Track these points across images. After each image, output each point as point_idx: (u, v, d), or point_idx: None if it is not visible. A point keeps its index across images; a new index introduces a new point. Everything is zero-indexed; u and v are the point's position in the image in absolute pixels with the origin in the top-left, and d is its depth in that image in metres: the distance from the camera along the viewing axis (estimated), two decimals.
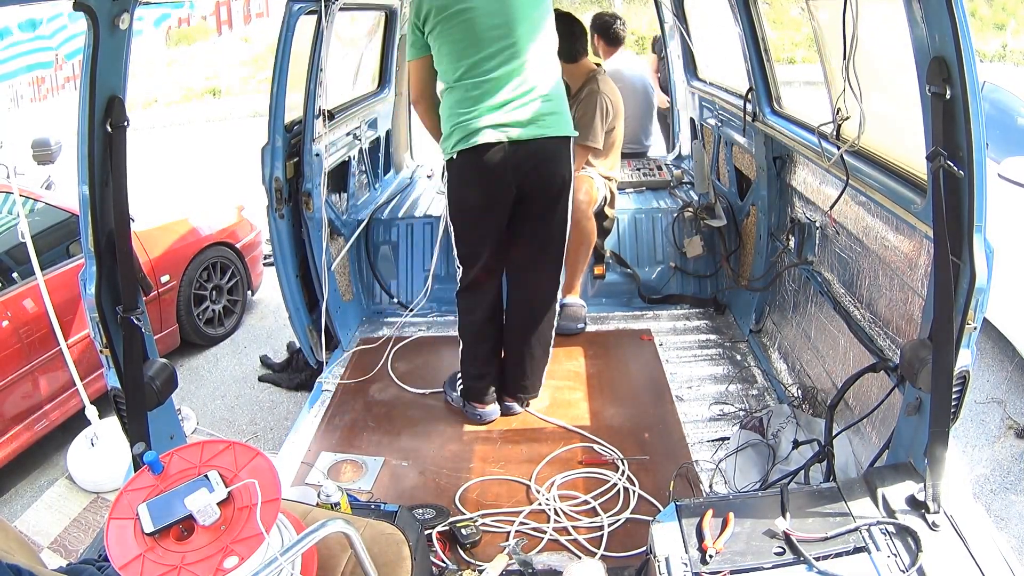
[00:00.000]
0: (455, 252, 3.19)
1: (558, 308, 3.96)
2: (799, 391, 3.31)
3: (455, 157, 2.94)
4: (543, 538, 2.59)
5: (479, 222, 3.07)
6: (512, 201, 2.99)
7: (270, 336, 5.34)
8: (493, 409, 3.30)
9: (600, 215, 4.30)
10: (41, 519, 3.62)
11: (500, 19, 2.82)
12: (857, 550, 1.83)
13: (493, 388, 3.30)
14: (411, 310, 4.31)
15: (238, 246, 5.37)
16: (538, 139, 2.90)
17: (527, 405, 3.37)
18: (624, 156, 4.82)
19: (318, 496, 2.41)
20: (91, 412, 3.80)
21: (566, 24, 3.90)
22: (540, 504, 2.75)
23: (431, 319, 4.36)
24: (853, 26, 2.37)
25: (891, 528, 1.88)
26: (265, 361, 4.89)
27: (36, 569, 1.57)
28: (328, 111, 3.93)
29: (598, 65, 4.16)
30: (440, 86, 3.01)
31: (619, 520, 2.67)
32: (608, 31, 5.36)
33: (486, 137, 2.85)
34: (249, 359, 5.07)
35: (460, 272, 3.20)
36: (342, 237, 4.23)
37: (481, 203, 3.00)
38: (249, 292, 5.64)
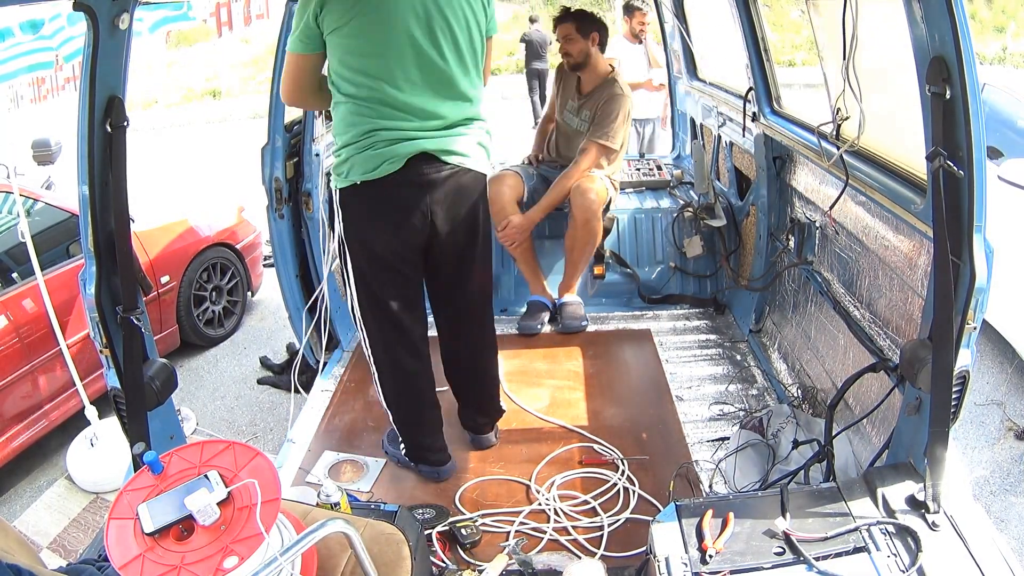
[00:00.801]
0: (360, 315, 2.70)
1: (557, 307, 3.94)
2: (799, 391, 3.32)
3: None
4: (543, 538, 2.59)
5: (399, 268, 2.60)
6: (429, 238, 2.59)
7: (270, 337, 5.34)
8: (451, 465, 2.93)
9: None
10: (40, 519, 3.61)
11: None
12: (857, 550, 1.83)
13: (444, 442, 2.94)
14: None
15: (238, 247, 5.38)
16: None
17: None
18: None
19: (318, 496, 2.41)
20: (91, 412, 3.80)
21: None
22: (540, 504, 2.75)
23: (431, 319, 4.34)
24: (853, 26, 2.37)
25: (891, 528, 1.88)
26: (265, 363, 4.89)
27: (36, 569, 1.57)
28: (328, 111, 3.93)
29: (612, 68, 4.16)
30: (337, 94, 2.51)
31: (619, 520, 2.67)
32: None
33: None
34: (249, 360, 5.07)
35: (370, 342, 2.77)
36: None
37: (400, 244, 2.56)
38: (249, 293, 5.64)
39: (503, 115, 12.20)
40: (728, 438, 3.07)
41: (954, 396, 1.94)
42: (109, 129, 2.16)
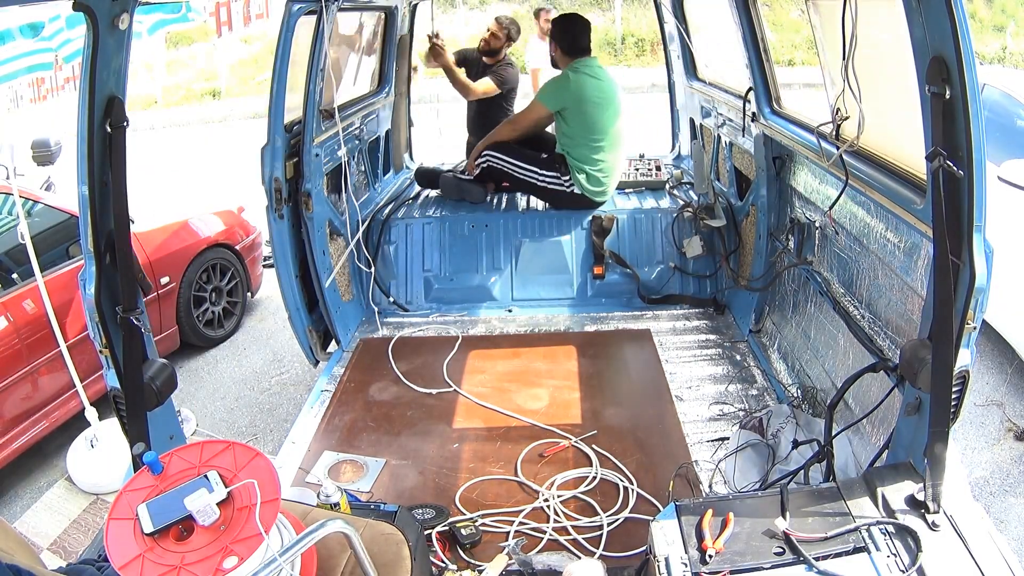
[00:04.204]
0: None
1: None
2: (799, 391, 3.31)
3: None
4: (543, 538, 2.59)
5: None
6: None
7: (270, 337, 5.34)
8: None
9: (599, 218, 4.38)
10: (40, 520, 3.61)
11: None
12: (857, 550, 1.83)
13: None
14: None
15: (238, 247, 5.37)
16: None
17: None
18: None
19: (318, 496, 2.41)
20: (91, 413, 3.80)
21: None
22: (540, 504, 2.75)
23: (431, 319, 4.36)
24: (853, 26, 2.37)
25: (891, 528, 1.88)
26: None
27: (36, 569, 1.57)
28: (328, 111, 3.94)
29: None
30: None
31: (618, 520, 2.67)
32: None
33: None
34: (249, 361, 5.07)
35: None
36: (342, 237, 4.23)
37: None
38: (249, 294, 5.64)
39: None
40: (728, 438, 3.07)
41: (954, 396, 1.94)
42: (109, 129, 2.16)
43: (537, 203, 4.71)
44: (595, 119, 4.24)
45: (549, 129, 4.70)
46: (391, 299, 4.49)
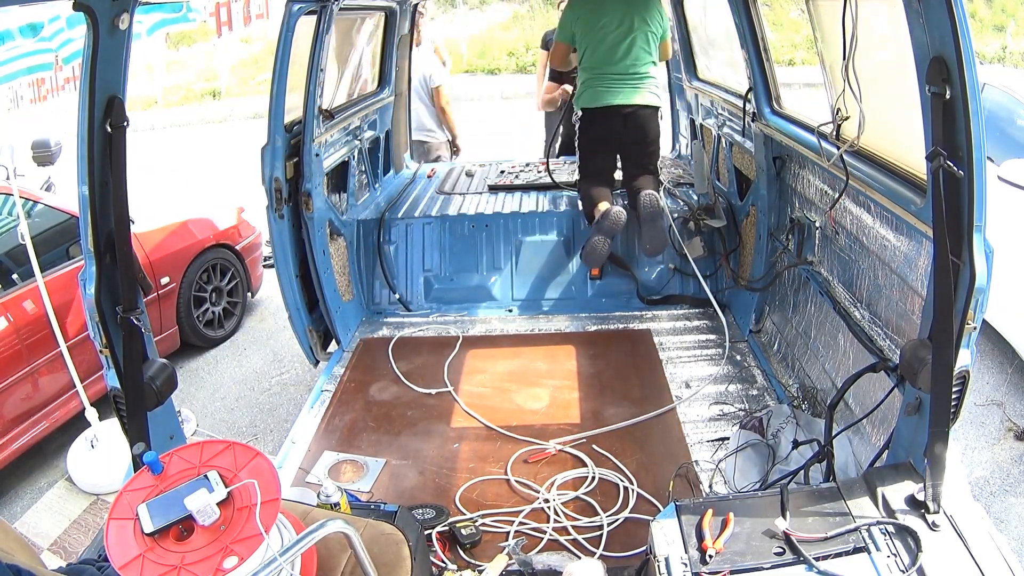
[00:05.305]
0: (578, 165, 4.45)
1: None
2: (799, 391, 3.32)
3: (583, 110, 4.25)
4: (543, 538, 2.59)
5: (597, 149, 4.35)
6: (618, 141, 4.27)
7: (270, 337, 5.34)
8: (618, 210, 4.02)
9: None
10: (41, 521, 3.62)
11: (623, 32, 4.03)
12: (857, 550, 1.83)
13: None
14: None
15: (238, 248, 5.37)
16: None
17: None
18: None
19: (318, 496, 2.41)
20: (91, 414, 3.80)
21: None
22: (540, 504, 2.75)
23: (431, 319, 4.36)
24: (853, 26, 2.37)
25: (891, 528, 1.88)
26: None
27: (36, 569, 1.57)
28: (328, 111, 3.94)
29: None
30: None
31: (619, 520, 2.67)
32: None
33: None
34: (249, 361, 5.07)
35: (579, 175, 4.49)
36: (342, 237, 4.23)
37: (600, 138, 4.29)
38: (249, 294, 5.64)
39: (502, 114, 12.21)
40: (728, 438, 3.07)
41: (954, 396, 1.94)
42: (109, 129, 2.16)
43: (538, 203, 4.71)
44: (588, 38, 4.18)
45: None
46: (397, 295, 4.49)
